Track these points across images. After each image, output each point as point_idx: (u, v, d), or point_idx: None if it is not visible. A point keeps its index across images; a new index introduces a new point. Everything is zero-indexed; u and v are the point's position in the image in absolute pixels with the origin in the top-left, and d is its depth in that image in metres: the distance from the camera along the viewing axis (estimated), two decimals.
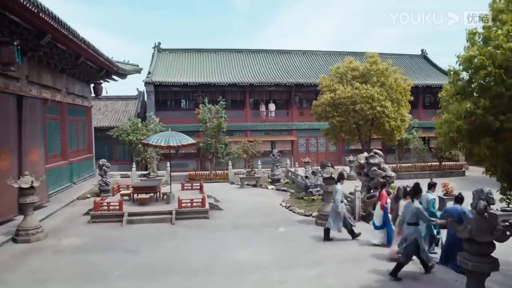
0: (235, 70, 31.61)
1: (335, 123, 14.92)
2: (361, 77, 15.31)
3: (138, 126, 21.67)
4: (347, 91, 14.78)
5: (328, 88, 15.48)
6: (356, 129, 15.71)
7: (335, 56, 35.25)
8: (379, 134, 14.85)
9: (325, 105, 15.33)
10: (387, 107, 13.85)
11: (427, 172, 28.68)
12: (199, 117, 24.68)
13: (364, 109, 14.02)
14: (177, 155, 29.95)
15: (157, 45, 33.50)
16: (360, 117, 14.40)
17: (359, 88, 14.39)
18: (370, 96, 14.02)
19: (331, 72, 16.68)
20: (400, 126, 14.27)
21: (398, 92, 14.43)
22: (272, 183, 18.95)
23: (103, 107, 32.50)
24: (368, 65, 15.30)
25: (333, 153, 31.29)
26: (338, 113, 15.05)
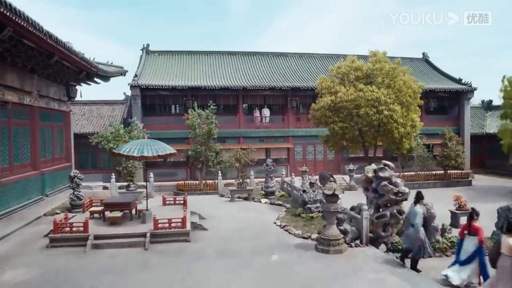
0: (227, 73, 29.87)
1: (336, 129, 13.15)
2: (366, 77, 13.59)
3: (119, 132, 19.77)
4: (349, 94, 13.05)
5: (328, 90, 13.73)
6: (360, 136, 13.93)
7: (333, 59, 33.59)
8: (385, 141, 13.11)
9: (324, 109, 13.56)
10: (396, 112, 12.11)
11: (431, 181, 27.04)
12: (188, 122, 22.89)
13: (370, 114, 12.28)
14: (165, 164, 28.20)
15: (145, 47, 31.74)
16: (365, 123, 12.64)
17: (364, 90, 12.65)
18: (376, 99, 12.29)
19: (332, 73, 14.94)
20: (410, 132, 12.53)
21: (407, 95, 12.70)
22: (265, 196, 17.10)
23: (87, 112, 30.63)
24: (371, 65, 13.57)
25: (331, 161, 29.53)
26: (339, 118, 13.28)
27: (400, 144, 12.81)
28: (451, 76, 32.90)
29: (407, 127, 12.36)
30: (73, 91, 19.16)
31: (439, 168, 27.59)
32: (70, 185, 15.08)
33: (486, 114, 36.37)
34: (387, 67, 13.32)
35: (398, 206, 10.35)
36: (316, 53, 34.48)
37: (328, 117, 13.48)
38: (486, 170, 33.80)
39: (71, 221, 11.22)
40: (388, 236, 10.35)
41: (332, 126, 13.35)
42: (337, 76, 14.36)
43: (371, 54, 13.97)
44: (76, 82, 22.39)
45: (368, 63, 13.98)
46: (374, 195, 10.42)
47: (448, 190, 25.49)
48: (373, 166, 10.64)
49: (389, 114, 12.04)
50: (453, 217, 15.57)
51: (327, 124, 13.87)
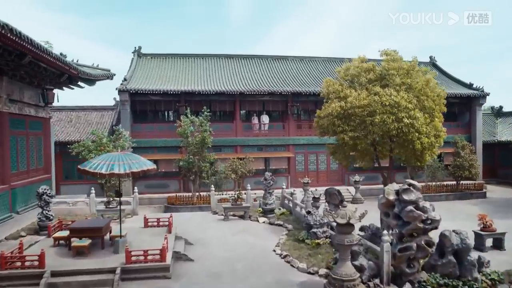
0: (224, 78, 28.00)
1: (346, 139, 11.20)
2: (379, 79, 11.70)
3: (102, 141, 17.82)
4: (362, 98, 11.13)
5: (337, 94, 11.81)
6: (372, 147, 11.99)
7: (336, 63, 31.76)
8: (403, 153, 11.19)
9: (332, 117, 11.64)
10: (418, 119, 10.23)
11: (443, 193, 25.08)
12: (179, 130, 20.99)
13: (387, 122, 10.39)
14: (156, 174, 26.20)
15: (137, 50, 29.90)
16: (381, 132, 10.72)
17: (380, 93, 10.76)
18: (395, 104, 10.39)
19: (339, 74, 13.02)
20: (434, 143, 10.65)
21: (430, 99, 10.82)
22: (264, 214, 15.13)
23: (74, 119, 28.72)
24: (386, 64, 11.66)
25: (335, 172, 27.56)
26: (350, 127, 11.36)
27: (421, 157, 10.92)
28: (461, 81, 31.06)
29: (430, 137, 10.49)
30: (49, 95, 17.20)
31: (449, 178, 25.66)
32: (38, 203, 13.11)
33: (496, 120, 34.50)
34: (406, 65, 11.42)
35: (427, 236, 8.39)
36: (318, 56, 32.65)
37: (337, 125, 11.54)
38: (498, 180, 31.84)
39: (27, 252, 9.24)
40: (415, 273, 8.37)
41: (342, 136, 11.40)
42: (346, 78, 12.48)
43: (383, 53, 12.08)
44: (57, 86, 20.53)
45: (382, 62, 12.06)
46: (396, 222, 8.45)
47: (462, 203, 23.56)
48: (395, 186, 8.70)
49: (410, 122, 10.13)
50: (478, 239, 13.53)
51: (336, 134, 11.94)
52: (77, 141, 23.04)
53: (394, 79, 11.24)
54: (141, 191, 24.83)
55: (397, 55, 11.75)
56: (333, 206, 13.92)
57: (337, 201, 13.96)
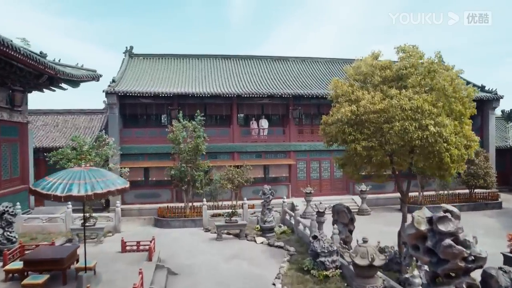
0: (221, 79, 26.26)
1: (360, 150, 9.41)
2: (397, 79, 9.93)
3: (83, 149, 16.03)
4: (376, 101, 9.36)
5: (347, 97, 10.04)
6: (389, 159, 10.20)
7: (339, 64, 30.07)
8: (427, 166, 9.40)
9: (342, 123, 9.86)
10: (446, 126, 8.46)
11: (456, 204, 23.20)
12: (170, 136, 19.23)
13: (409, 130, 8.62)
14: (147, 183, 24.41)
15: (128, 50, 28.16)
16: (402, 142, 8.94)
17: (399, 96, 8.98)
18: (417, 108, 8.61)
19: (348, 73, 11.21)
20: (464, 155, 8.88)
21: (458, 101, 9.06)
22: (262, 233, 13.33)
23: (61, 123, 26.94)
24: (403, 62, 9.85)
25: (339, 180, 25.74)
26: (363, 135, 9.57)
27: (448, 171, 9.17)
28: (472, 83, 29.28)
29: (461, 148, 8.72)
30: (16, 98, 15.40)
31: (461, 186, 23.90)
32: None
33: (507, 125, 32.73)
34: (427, 62, 9.64)
35: (469, 278, 6.57)
36: (320, 57, 30.91)
37: (347, 133, 9.75)
38: (510, 187, 30.11)
39: None
40: None
41: (353, 146, 9.61)
42: (357, 78, 10.71)
43: (399, 50, 10.30)
44: (36, 87, 18.80)
45: (398, 60, 10.27)
46: (429, 258, 6.63)
47: (477, 215, 21.79)
48: (426, 212, 6.89)
49: (437, 131, 8.37)
50: (508, 262, 11.70)
51: (346, 143, 10.16)
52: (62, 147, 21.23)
53: (413, 79, 9.47)
54: (131, 201, 23.11)
55: (417, 50, 9.98)
56: (342, 226, 12.13)
57: (347, 219, 12.18)
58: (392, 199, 24.69)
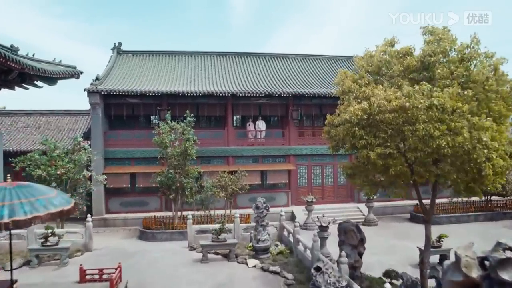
0: (215, 77, 24.35)
1: (374, 158, 7.45)
2: (421, 69, 7.96)
3: (53, 155, 14.10)
4: (393, 98, 7.40)
5: (357, 93, 8.08)
6: (409, 169, 8.19)
7: (343, 62, 28.16)
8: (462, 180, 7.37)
9: (351, 125, 7.92)
10: (486, 130, 6.51)
11: (472, 213, 21.25)
12: (155, 139, 17.30)
13: (435, 135, 6.66)
14: (134, 190, 22.46)
15: (116, 46, 26.28)
16: (429, 149, 6.97)
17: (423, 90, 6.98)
18: (448, 108, 6.63)
19: (358, 64, 9.23)
20: (508, 166, 6.94)
21: (500, 99, 7.09)
22: (256, 254, 11.37)
23: (43, 124, 25.07)
24: (431, 48, 7.84)
25: (343, 187, 23.77)
26: (378, 140, 7.62)
27: (487, 184, 7.18)
28: None
29: (506, 158, 6.77)
30: None
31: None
32: None
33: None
34: (460, 48, 7.64)
35: None
36: (322, 54, 28.97)
37: (358, 137, 7.80)
38: None
39: None
40: None
41: (365, 152, 7.67)
42: (369, 69, 8.77)
43: (426, 31, 8.33)
44: (5, 85, 16.92)
45: (425, 45, 8.28)
46: None
47: (495, 226, 19.82)
48: (475, 249, 4.91)
49: (476, 137, 6.40)
50: None
51: (355, 149, 8.23)
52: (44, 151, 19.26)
53: (443, 69, 7.52)
54: (116, 209, 21.21)
55: (448, 33, 8.02)
56: (350, 248, 10.12)
57: (356, 240, 10.16)
58: (401, 208, 22.74)
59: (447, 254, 13.29)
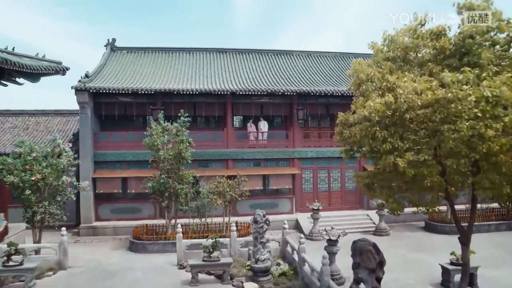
0: (214, 75, 22.81)
1: (402, 165, 5.81)
2: (458, 53, 6.32)
3: (28, 159, 12.56)
4: (426, 89, 5.78)
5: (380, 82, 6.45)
6: (442, 178, 6.51)
7: (351, 59, 26.44)
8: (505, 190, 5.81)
9: (371, 124, 6.29)
10: None
11: (492, 222, 19.41)
12: (146, 141, 15.76)
13: (486, 136, 5.08)
14: (126, 196, 20.91)
15: (110, 42, 24.82)
16: (477, 155, 5.34)
17: (470, 79, 5.39)
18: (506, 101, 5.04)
19: (374, 50, 7.54)
20: None
21: None
22: (254, 275, 9.70)
23: (32, 125, 23.63)
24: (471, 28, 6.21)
25: (351, 192, 22.09)
26: (408, 143, 5.98)
27: None
28: None
29: None
30: None
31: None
32: None
33: None
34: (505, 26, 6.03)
35: None
36: (328, 51, 27.34)
37: (380, 139, 6.17)
38: None
39: None
40: None
41: (390, 158, 6.04)
42: (391, 55, 7.14)
43: (462, 7, 6.69)
44: None
45: (464, 24, 6.63)
46: None
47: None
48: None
49: None
50: None
51: (378, 154, 6.59)
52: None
53: (487, 53, 5.91)
54: (106, 217, 19.68)
55: (491, 9, 6.40)
56: (367, 273, 8.42)
57: (374, 263, 8.40)
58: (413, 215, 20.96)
59: (475, 273, 11.56)
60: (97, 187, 19.22)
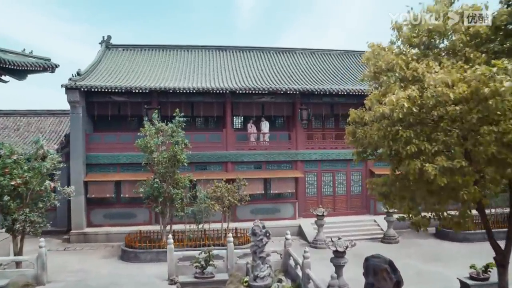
0: (212, 74, 21.78)
1: (434, 173, 4.73)
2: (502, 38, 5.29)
3: (6, 162, 11.53)
4: (459, 79, 4.72)
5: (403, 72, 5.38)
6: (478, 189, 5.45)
7: (356, 57, 25.44)
8: None
9: (391, 122, 5.24)
10: None
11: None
12: (138, 142, 14.73)
13: None
14: (119, 200, 19.86)
15: (105, 40, 23.82)
16: None
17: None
18: None
19: (395, 26, 6.34)
20: None
21: None
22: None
23: (24, 126, 22.66)
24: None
25: (357, 196, 20.99)
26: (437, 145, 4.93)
27: None
28: None
29: None
30: None
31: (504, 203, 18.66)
32: None
33: None
34: None
35: None
36: (332, 49, 26.26)
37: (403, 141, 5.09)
38: None
39: None
40: None
41: (416, 164, 4.96)
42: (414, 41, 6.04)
43: None
44: None
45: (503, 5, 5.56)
46: None
47: None
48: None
49: None
50: None
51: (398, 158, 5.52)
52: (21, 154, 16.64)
53: None
54: (99, 222, 18.67)
55: None
56: None
57: (390, 284, 7.34)
58: None
59: None
60: (89, 191, 18.20)
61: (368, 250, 16.81)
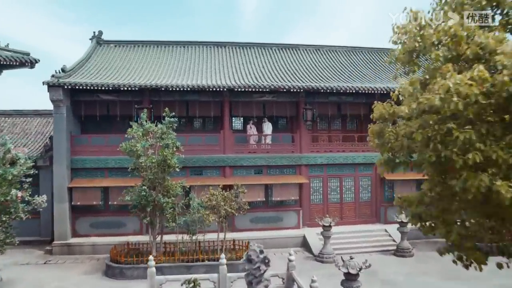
0: (210, 71, 20.21)
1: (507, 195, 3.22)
2: None
3: None
4: None
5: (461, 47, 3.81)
6: None
7: (364, 54, 23.94)
8: None
9: (438, 119, 3.68)
10: None
11: None
12: (122, 146, 13.15)
13: None
14: (108, 208, 18.30)
15: (96, 35, 22.32)
16: None
17: None
18: None
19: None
20: None
21: None
22: None
23: (8, 127, 21.13)
24: None
25: (366, 204, 19.33)
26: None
27: None
28: None
29: None
30: None
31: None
32: None
33: None
34: None
35: None
36: (338, 45, 24.64)
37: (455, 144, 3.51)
38: None
39: None
40: None
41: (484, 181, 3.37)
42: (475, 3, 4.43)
43: None
44: None
45: None
46: None
47: None
48: None
49: None
50: None
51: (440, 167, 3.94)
52: None
53: None
54: (85, 232, 17.13)
55: None
56: None
57: None
58: None
59: None
60: (74, 198, 16.67)
61: (381, 265, 15.02)
